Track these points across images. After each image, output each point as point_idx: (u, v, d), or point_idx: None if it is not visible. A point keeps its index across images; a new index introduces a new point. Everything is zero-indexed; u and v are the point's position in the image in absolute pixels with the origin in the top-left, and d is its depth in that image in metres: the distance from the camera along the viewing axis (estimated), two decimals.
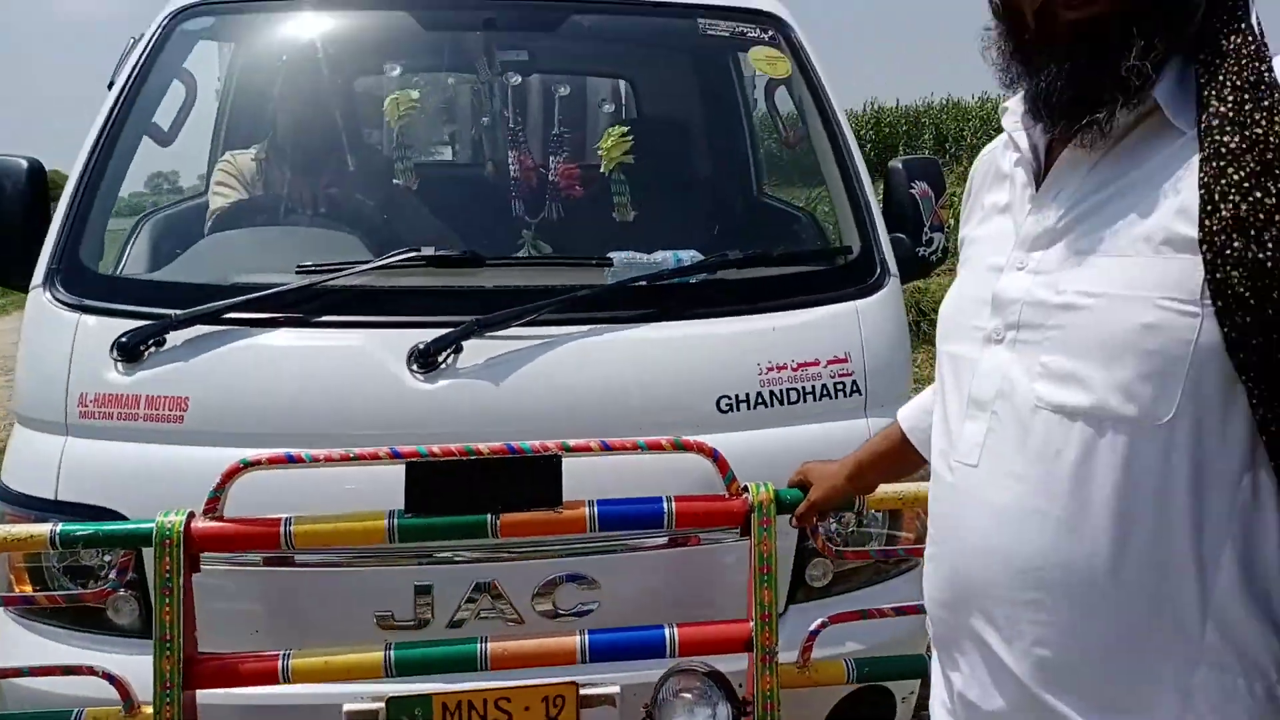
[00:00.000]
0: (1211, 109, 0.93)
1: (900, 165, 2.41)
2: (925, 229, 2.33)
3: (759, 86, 3.03)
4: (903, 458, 1.54)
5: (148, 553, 1.68)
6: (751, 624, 1.72)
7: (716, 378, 2.02)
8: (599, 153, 2.35)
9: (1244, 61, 0.93)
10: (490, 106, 2.55)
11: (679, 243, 2.22)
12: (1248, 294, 0.87)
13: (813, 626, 1.85)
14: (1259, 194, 0.87)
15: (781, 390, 2.05)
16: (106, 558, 1.89)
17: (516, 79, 2.42)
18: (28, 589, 1.92)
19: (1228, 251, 0.88)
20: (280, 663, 1.64)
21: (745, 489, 1.74)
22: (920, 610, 1.96)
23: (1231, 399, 0.92)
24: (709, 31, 2.50)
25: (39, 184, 2.23)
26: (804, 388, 2.07)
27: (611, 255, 2.14)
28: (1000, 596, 1.04)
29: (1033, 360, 1.02)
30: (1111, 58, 0.96)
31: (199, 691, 1.67)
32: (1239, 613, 0.94)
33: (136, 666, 1.70)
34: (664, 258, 2.14)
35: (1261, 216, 0.87)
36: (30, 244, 2.16)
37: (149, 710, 1.64)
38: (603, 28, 2.67)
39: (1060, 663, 1.00)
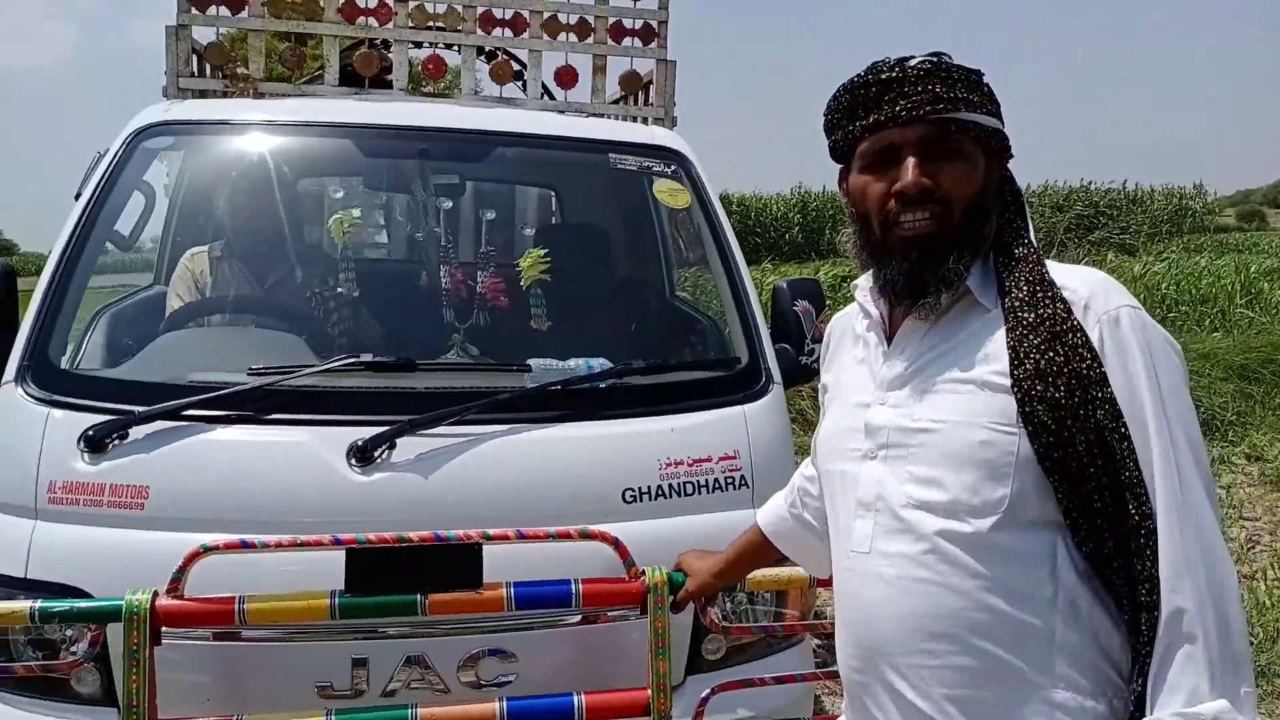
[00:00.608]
0: (1012, 295, 1.35)
1: (785, 285, 2.76)
2: (807, 340, 2.67)
3: None
4: (763, 555, 1.91)
5: (113, 631, 1.89)
6: (649, 692, 1.99)
7: (622, 472, 2.31)
8: (518, 270, 2.65)
9: (1030, 264, 1.37)
10: (425, 224, 2.84)
11: (594, 349, 2.51)
12: (1049, 421, 1.26)
13: (703, 694, 2.12)
14: (1051, 354, 1.28)
15: (679, 483, 2.35)
16: (69, 632, 2.08)
17: (448, 204, 2.72)
18: None
19: (1033, 392, 1.28)
20: None
21: (643, 573, 2.02)
22: (797, 679, 2.26)
23: (1044, 493, 1.28)
24: (619, 165, 2.83)
25: (8, 285, 2.44)
26: (699, 481, 2.36)
27: (530, 361, 2.42)
28: (902, 650, 1.35)
29: (901, 470, 1.38)
30: (936, 261, 1.37)
31: None
32: (1077, 646, 1.28)
33: None
34: (577, 364, 2.43)
35: (1054, 369, 1.27)
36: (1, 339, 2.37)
37: None
38: (525, 160, 2.98)
39: (957, 695, 1.31)
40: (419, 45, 4.00)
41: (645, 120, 3.99)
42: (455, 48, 3.96)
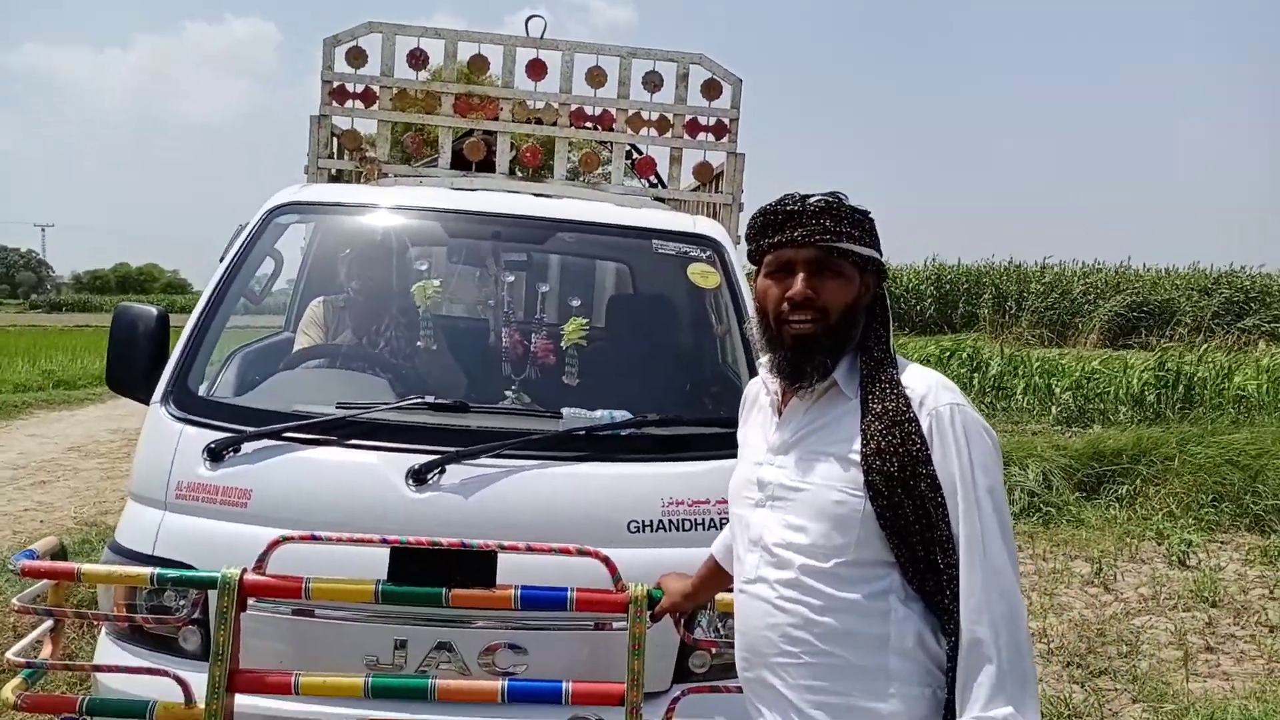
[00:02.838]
0: (868, 388, 1.76)
1: None
2: None
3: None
4: (720, 579, 2.33)
5: (212, 596, 2.44)
6: (625, 685, 2.42)
7: (628, 506, 2.75)
8: (562, 334, 3.17)
9: (885, 366, 1.78)
10: (493, 292, 3.39)
11: (622, 403, 2.98)
12: (884, 489, 1.67)
13: (674, 694, 2.54)
14: (890, 437, 1.69)
15: (679, 519, 2.77)
16: (181, 600, 2.66)
17: (511, 277, 3.27)
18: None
19: (874, 465, 1.69)
20: (293, 679, 2.38)
21: (628, 587, 2.45)
22: None
23: (881, 541, 1.70)
24: (660, 250, 3.33)
25: (163, 327, 3.09)
26: (696, 519, 2.78)
27: (563, 410, 2.91)
28: (774, 652, 1.76)
29: (780, 517, 1.80)
30: (811, 356, 1.78)
31: (236, 698, 2.40)
32: (906, 650, 1.69)
33: (194, 679, 2.41)
34: (602, 414, 2.91)
35: (891, 449, 1.68)
36: (152, 369, 3.01)
37: (201, 707, 2.37)
38: (581, 243, 3.51)
39: (812, 685, 1.72)
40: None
41: (715, 206, 4.50)
42: (551, 140, 4.57)
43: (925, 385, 1.74)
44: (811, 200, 1.79)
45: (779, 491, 1.80)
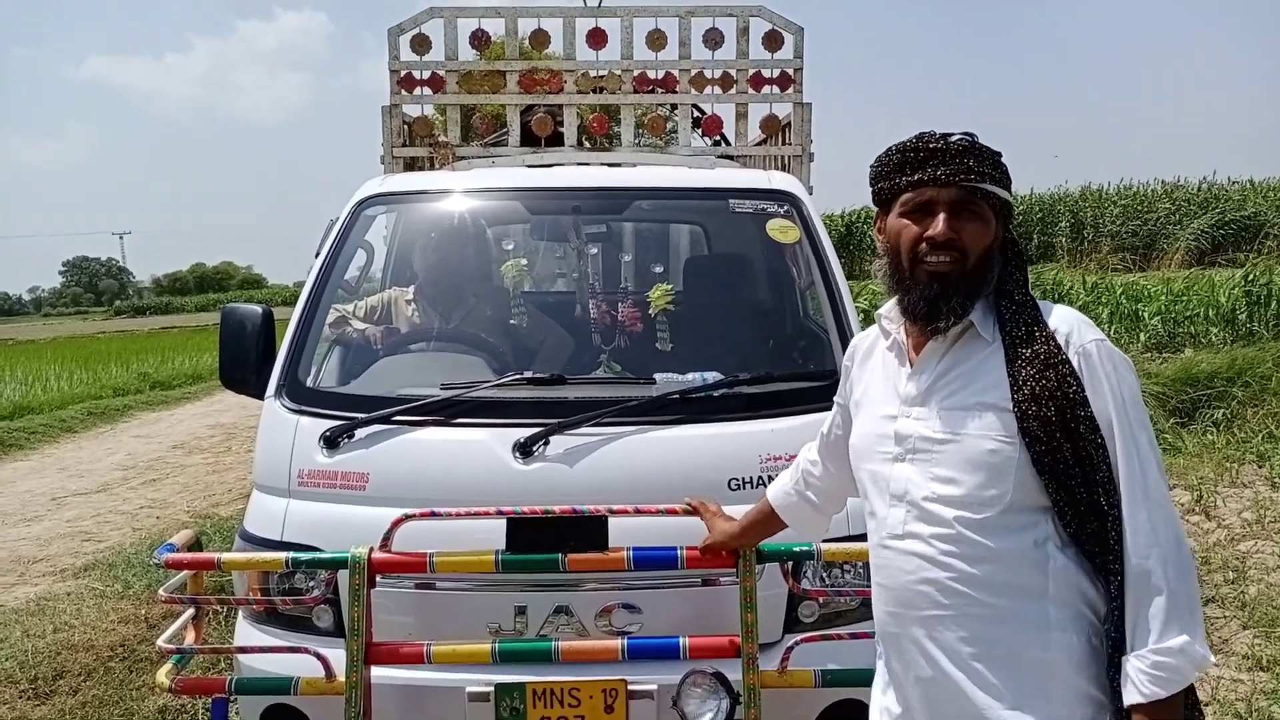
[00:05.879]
0: (1011, 331, 1.74)
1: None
2: None
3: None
4: (771, 525, 2.39)
5: (342, 577, 2.57)
6: (739, 637, 2.50)
7: (728, 464, 2.81)
8: (649, 301, 3.24)
9: (1027, 308, 1.76)
10: (578, 266, 3.47)
11: (712, 364, 3.04)
12: (1042, 434, 1.64)
13: (789, 643, 2.61)
14: (1044, 381, 1.65)
15: (777, 474, 2.83)
16: (311, 581, 2.81)
17: (594, 250, 3.34)
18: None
19: (1029, 411, 1.65)
20: (425, 649, 2.51)
21: None
22: (869, 635, 2.70)
23: (1037, 487, 1.67)
24: (737, 209, 3.37)
25: (269, 325, 3.23)
26: None
27: (656, 375, 2.98)
28: (931, 607, 1.74)
29: (926, 470, 1.76)
30: (950, 295, 1.75)
31: (372, 670, 2.53)
32: (1063, 597, 1.68)
33: (331, 655, 2.55)
34: (694, 377, 2.97)
35: (1046, 393, 1.64)
36: (262, 365, 3.15)
37: (341, 680, 2.51)
38: (659, 209, 3.55)
39: (975, 640, 1.70)
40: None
41: (784, 159, 4.50)
42: (616, 107, 4.62)
43: (1068, 324, 1.72)
44: (953, 139, 1.75)
45: (920, 444, 1.77)
